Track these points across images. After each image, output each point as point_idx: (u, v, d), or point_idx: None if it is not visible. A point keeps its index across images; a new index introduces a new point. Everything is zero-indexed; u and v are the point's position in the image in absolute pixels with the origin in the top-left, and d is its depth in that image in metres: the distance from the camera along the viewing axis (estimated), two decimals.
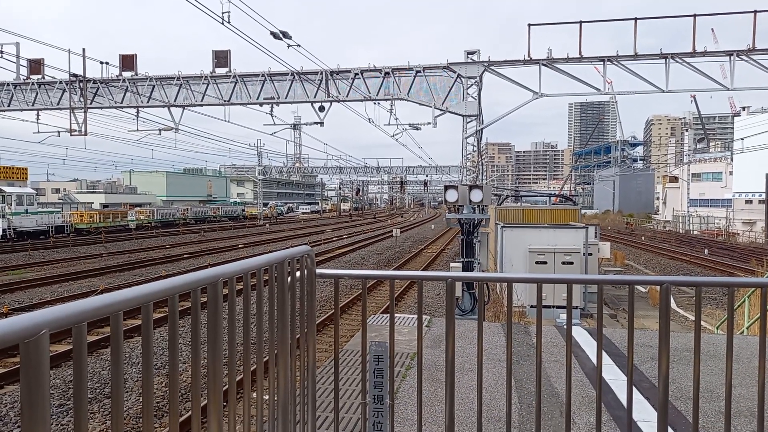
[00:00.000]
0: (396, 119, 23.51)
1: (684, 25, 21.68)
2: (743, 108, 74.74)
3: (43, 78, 24.54)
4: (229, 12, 15.25)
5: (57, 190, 73.73)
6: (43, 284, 18.92)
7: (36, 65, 24.00)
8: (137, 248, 32.46)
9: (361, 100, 23.07)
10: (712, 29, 33.90)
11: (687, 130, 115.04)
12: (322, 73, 22.79)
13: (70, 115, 23.97)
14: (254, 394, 2.35)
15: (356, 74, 22.83)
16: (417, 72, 22.36)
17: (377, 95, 22.84)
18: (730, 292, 2.71)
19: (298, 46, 16.93)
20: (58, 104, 24.79)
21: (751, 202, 56.70)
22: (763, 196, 49.30)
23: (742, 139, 49.27)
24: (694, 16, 19.47)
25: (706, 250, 33.45)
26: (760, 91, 21.06)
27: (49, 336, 1.18)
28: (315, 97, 23.26)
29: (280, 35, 16.01)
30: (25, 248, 30.42)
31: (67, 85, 24.23)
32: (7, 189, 35.93)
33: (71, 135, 23.95)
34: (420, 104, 22.56)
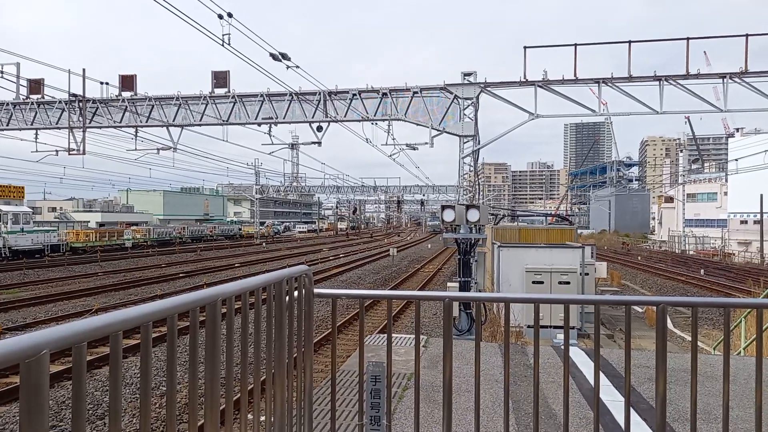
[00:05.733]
0: (393, 139, 23.64)
1: (680, 47, 22.08)
2: (737, 129, 75.50)
3: (43, 98, 24.64)
4: (229, 34, 15.42)
5: (53, 209, 73.54)
6: (38, 303, 18.78)
7: (36, 85, 24.12)
8: (133, 267, 32.32)
9: (359, 121, 23.23)
10: (705, 52, 34.46)
11: (681, 151, 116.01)
12: (320, 93, 22.97)
13: (69, 135, 24.03)
14: (250, 415, 2.34)
15: (354, 95, 23.02)
16: (414, 93, 22.56)
17: (375, 116, 23.00)
18: (727, 312, 2.73)
19: (297, 67, 17.09)
20: (56, 124, 24.86)
21: (746, 222, 56.95)
22: (758, 216, 49.51)
23: (736, 160, 49.71)
24: (687, 39, 19.76)
25: (702, 270, 33.48)
26: (754, 112, 21.27)
27: (49, 356, 1.19)
28: (313, 117, 23.41)
29: (279, 57, 16.16)
30: (20, 267, 30.26)
31: (66, 104, 24.35)
32: (4, 208, 35.84)
33: (69, 154, 23.98)
34: (417, 124, 22.72)
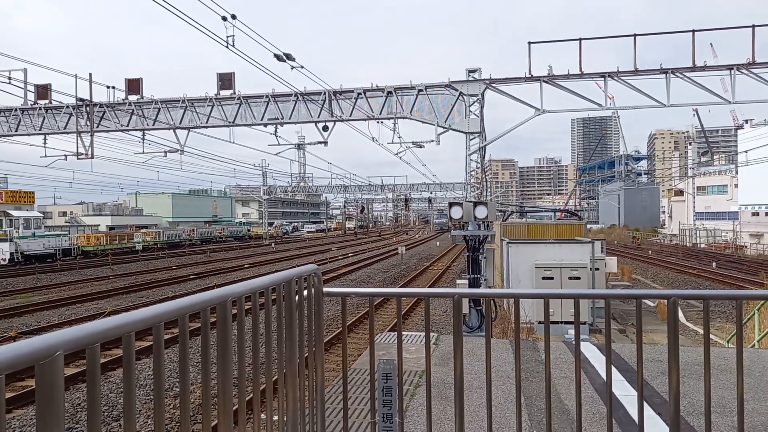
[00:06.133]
0: (399, 137, 23.65)
1: (685, 44, 22.11)
2: (746, 121, 74.79)
3: (50, 103, 24.86)
4: (233, 36, 15.48)
5: (63, 213, 74.22)
6: (51, 307, 18.95)
7: (43, 90, 24.33)
8: (144, 270, 32.53)
9: (365, 120, 23.23)
10: (711, 44, 34.15)
11: (690, 144, 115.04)
12: (325, 93, 23.00)
13: (77, 139, 24.22)
14: (263, 415, 2.35)
15: (359, 94, 23.02)
16: (419, 91, 22.53)
17: (380, 114, 23.00)
18: (739, 305, 2.71)
19: (302, 67, 17.13)
20: (65, 128, 25.07)
21: (757, 214, 56.43)
22: None
23: (746, 151, 49.21)
24: (693, 31, 19.59)
25: (713, 263, 33.22)
26: (763, 103, 21.06)
27: (63, 357, 1.20)
28: (318, 117, 23.45)
29: (284, 57, 16.20)
30: (32, 272, 30.54)
31: (73, 109, 24.55)
32: (15, 213, 36.18)
33: (78, 158, 24.19)
34: (423, 122, 22.69)
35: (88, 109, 24.18)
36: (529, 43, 20.38)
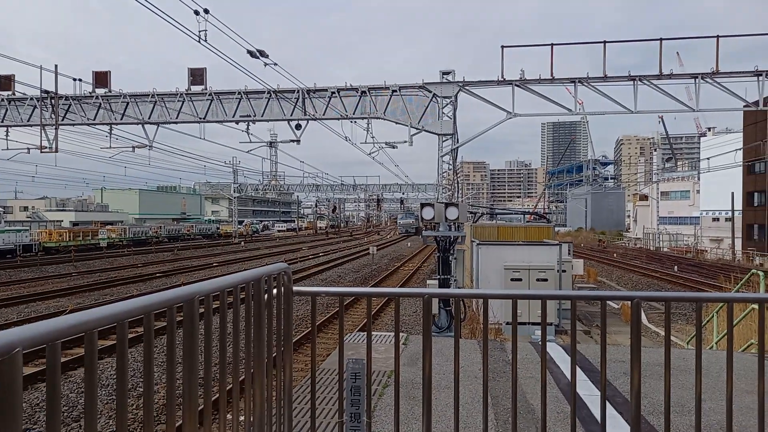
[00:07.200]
0: (372, 137, 23.62)
1: (653, 50, 22.78)
2: (709, 128, 77.16)
3: (14, 94, 24.06)
4: (206, 31, 15.24)
5: (25, 208, 71.92)
6: (9, 305, 18.35)
7: (6, 81, 23.52)
8: (108, 267, 31.77)
9: (338, 119, 23.15)
10: (678, 53, 35.15)
11: (656, 150, 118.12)
12: (298, 91, 22.84)
13: (41, 132, 23.49)
14: (230, 415, 2.32)
15: (333, 93, 22.93)
16: (393, 91, 22.57)
17: (354, 114, 22.94)
18: (698, 307, 2.79)
19: (275, 64, 16.97)
20: (28, 121, 24.29)
21: (718, 220, 58.30)
22: (730, 214, 50.70)
23: (708, 158, 50.76)
24: (660, 40, 20.12)
25: (675, 267, 34.17)
26: (725, 112, 21.77)
27: (22, 355, 1.17)
28: (291, 115, 23.26)
29: (257, 54, 16.03)
30: None
31: (38, 101, 23.79)
32: None
33: (41, 152, 23.44)
34: (396, 123, 22.73)
35: (53, 101, 23.48)
36: (502, 47, 20.62)
